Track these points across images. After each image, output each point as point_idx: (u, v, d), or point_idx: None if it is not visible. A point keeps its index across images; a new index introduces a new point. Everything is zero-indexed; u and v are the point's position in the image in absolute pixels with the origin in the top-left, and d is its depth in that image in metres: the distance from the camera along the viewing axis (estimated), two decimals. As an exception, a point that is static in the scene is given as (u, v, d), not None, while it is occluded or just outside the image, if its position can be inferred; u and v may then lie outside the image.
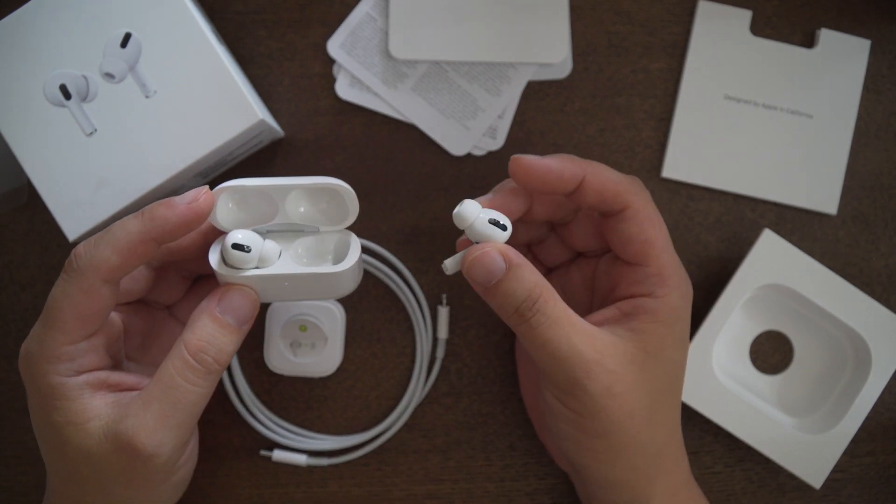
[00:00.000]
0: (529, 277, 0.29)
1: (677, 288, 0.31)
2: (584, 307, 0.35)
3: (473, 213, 0.29)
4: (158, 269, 0.33)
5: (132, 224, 0.29)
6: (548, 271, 0.37)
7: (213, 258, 0.30)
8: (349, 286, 0.32)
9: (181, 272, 0.35)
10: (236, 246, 0.29)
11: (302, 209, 0.31)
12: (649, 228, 0.31)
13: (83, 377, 0.29)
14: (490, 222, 0.29)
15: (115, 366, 0.32)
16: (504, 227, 0.29)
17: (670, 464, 0.32)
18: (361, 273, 0.32)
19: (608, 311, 0.32)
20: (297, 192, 0.31)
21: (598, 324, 0.31)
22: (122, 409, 0.29)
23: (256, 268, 0.30)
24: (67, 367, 0.29)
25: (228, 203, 0.31)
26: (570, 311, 0.30)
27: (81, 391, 0.29)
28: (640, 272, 0.31)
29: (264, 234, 0.31)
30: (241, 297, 0.30)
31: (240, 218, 0.31)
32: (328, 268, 0.30)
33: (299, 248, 0.31)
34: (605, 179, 0.31)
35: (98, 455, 0.29)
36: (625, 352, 0.30)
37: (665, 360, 0.31)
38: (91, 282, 0.28)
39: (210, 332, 0.29)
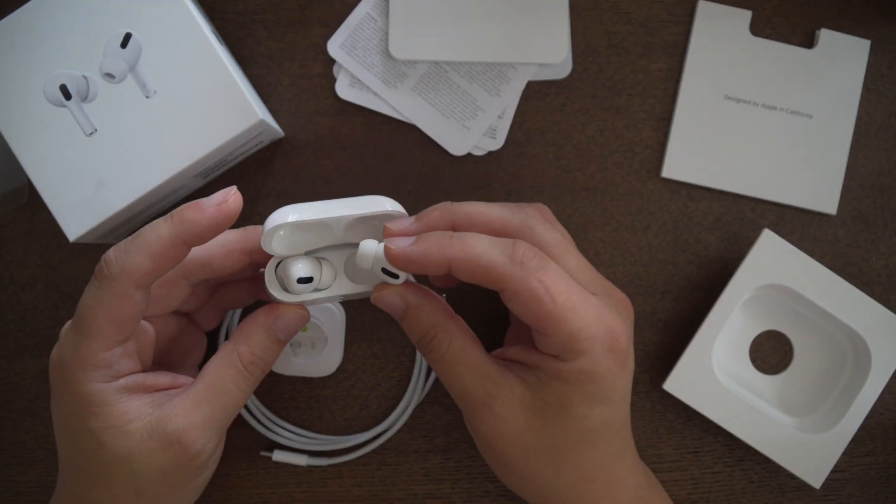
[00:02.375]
0: (426, 318, 0.31)
1: (586, 352, 0.29)
2: (518, 330, 0.35)
3: (368, 259, 0.30)
4: (196, 284, 0.34)
5: (162, 228, 0.29)
6: None
7: (273, 288, 0.31)
8: None
9: (209, 284, 0.35)
10: (302, 280, 0.30)
11: (356, 231, 0.31)
12: (535, 307, 0.28)
13: (121, 382, 0.30)
14: (383, 271, 0.30)
15: (146, 369, 0.32)
16: (396, 276, 0.30)
17: (591, 499, 0.32)
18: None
19: (522, 353, 0.31)
20: (355, 219, 0.31)
21: (512, 358, 0.32)
22: (169, 409, 0.30)
23: (316, 290, 0.31)
24: (104, 374, 0.30)
25: (281, 232, 0.30)
26: (471, 352, 0.31)
27: (120, 395, 0.30)
28: (543, 338, 0.30)
29: (318, 253, 0.32)
30: (297, 318, 0.31)
31: (295, 243, 0.31)
32: (389, 279, 0.31)
33: (350, 263, 0.31)
34: (473, 266, 0.28)
35: (139, 455, 0.29)
36: (521, 397, 0.30)
37: (570, 414, 0.30)
38: (124, 288, 0.29)
39: (264, 347, 0.31)
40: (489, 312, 0.40)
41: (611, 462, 0.32)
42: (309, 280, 0.30)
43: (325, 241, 0.31)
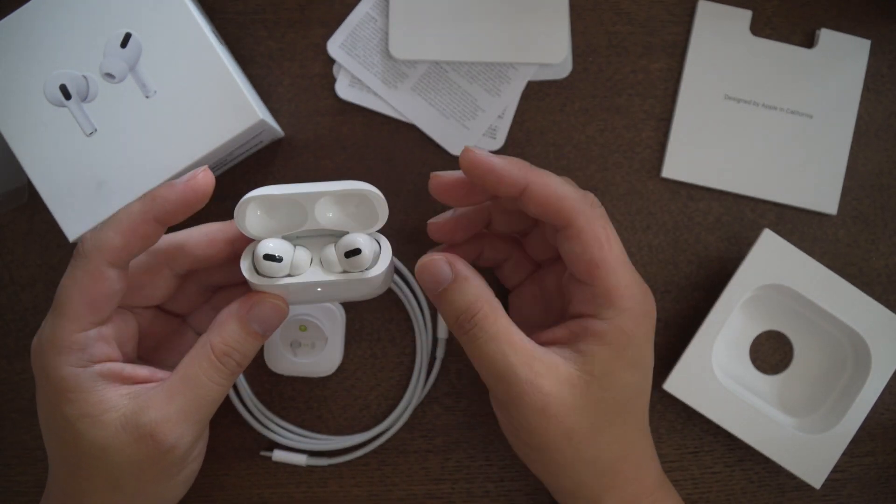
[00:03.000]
0: (473, 290, 0.30)
1: (627, 310, 0.30)
2: (540, 321, 0.35)
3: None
4: (182, 276, 0.34)
5: (134, 205, 0.29)
6: (510, 291, 0.37)
7: (245, 267, 0.30)
8: (380, 288, 0.32)
9: (202, 283, 0.35)
10: (268, 256, 0.29)
11: (331, 214, 0.31)
12: (595, 248, 0.29)
13: (96, 367, 0.30)
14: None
15: (129, 361, 0.32)
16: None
17: (623, 479, 0.32)
18: (392, 274, 0.32)
19: (559, 331, 0.32)
20: (326, 198, 0.31)
21: (548, 342, 0.31)
22: (143, 401, 0.29)
23: (288, 275, 0.30)
24: (79, 357, 0.29)
25: (257, 211, 0.30)
26: (514, 330, 0.30)
27: (95, 382, 0.29)
28: (588, 291, 0.30)
29: (294, 240, 0.31)
30: (272, 309, 0.30)
31: (269, 225, 0.31)
32: (359, 274, 0.30)
33: (329, 252, 0.31)
34: (549, 193, 0.29)
35: (113, 447, 0.29)
36: (567, 374, 0.30)
37: (613, 383, 0.30)
38: (96, 264, 0.29)
39: (237, 338, 0.30)
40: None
41: (639, 439, 0.33)
42: (275, 259, 0.29)
43: (301, 225, 0.31)
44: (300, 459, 0.39)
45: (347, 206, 0.31)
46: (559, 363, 0.30)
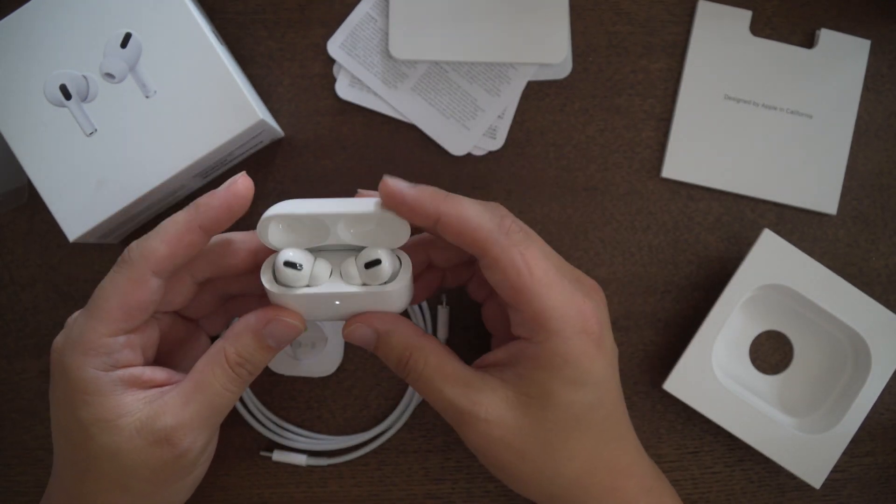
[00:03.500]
0: (398, 342, 0.31)
1: (557, 332, 0.29)
2: (506, 334, 0.35)
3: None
4: (201, 284, 0.34)
5: (179, 215, 0.30)
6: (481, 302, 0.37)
7: (265, 276, 0.30)
8: (401, 304, 0.32)
9: (218, 291, 0.35)
10: (288, 263, 0.29)
11: (353, 231, 0.31)
12: (513, 276, 0.29)
13: (118, 373, 0.30)
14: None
15: (147, 365, 0.32)
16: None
17: (599, 490, 0.32)
18: (412, 290, 0.32)
19: (500, 353, 0.32)
20: (348, 217, 0.31)
21: (491, 363, 0.32)
22: (159, 406, 0.30)
23: (307, 286, 0.30)
24: (104, 361, 0.30)
25: (279, 226, 0.30)
26: (447, 363, 0.31)
27: (115, 387, 0.30)
28: (518, 315, 0.30)
29: (316, 252, 0.31)
30: (287, 328, 0.31)
31: (291, 239, 0.31)
32: (378, 287, 0.30)
33: (349, 264, 0.31)
34: (461, 224, 0.29)
35: (127, 451, 0.29)
36: (504, 398, 0.30)
37: (556, 402, 0.30)
38: (140, 272, 0.29)
39: (251, 351, 0.31)
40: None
41: (609, 450, 0.32)
42: (295, 267, 0.29)
43: (323, 239, 0.31)
44: (300, 459, 0.39)
45: (368, 224, 0.31)
46: (497, 387, 0.31)
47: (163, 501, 0.33)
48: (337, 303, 0.31)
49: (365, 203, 0.30)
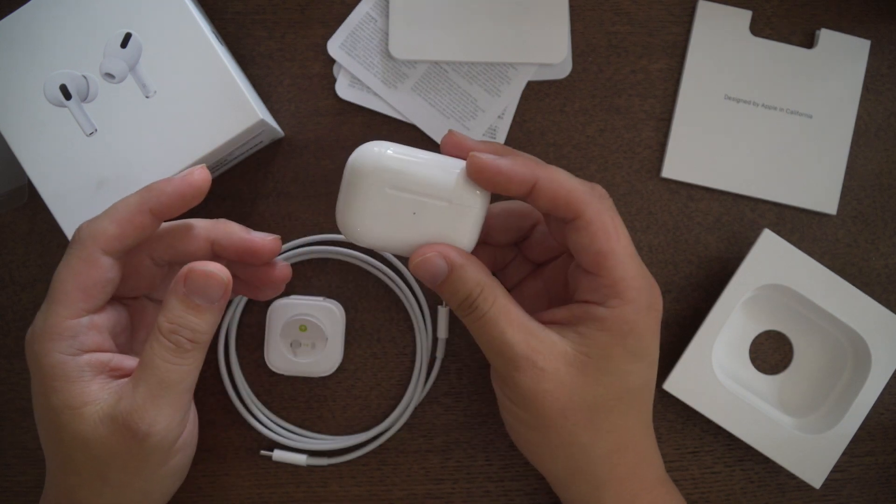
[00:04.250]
0: (471, 276, 0.30)
1: (631, 301, 0.30)
2: (542, 310, 0.35)
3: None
4: (166, 266, 0.34)
5: (131, 197, 0.31)
6: (511, 287, 0.38)
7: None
8: (472, 237, 0.31)
9: (155, 261, 0.34)
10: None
11: None
12: (602, 239, 0.30)
13: (84, 357, 0.30)
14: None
15: (120, 353, 0.32)
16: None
17: (622, 472, 0.32)
18: (481, 230, 0.32)
19: (560, 312, 0.32)
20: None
21: (549, 322, 0.32)
22: (116, 392, 0.30)
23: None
24: (69, 345, 0.29)
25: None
26: (513, 308, 0.31)
27: (81, 372, 0.30)
28: (594, 281, 0.31)
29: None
30: (205, 277, 0.30)
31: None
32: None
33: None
34: (558, 186, 0.30)
35: (94, 440, 0.29)
36: (563, 352, 0.30)
37: (612, 369, 0.30)
38: (90, 251, 0.30)
39: (179, 314, 0.30)
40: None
41: (641, 433, 0.33)
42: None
43: None
44: (300, 459, 0.39)
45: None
46: (556, 340, 0.31)
47: (143, 492, 0.32)
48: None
49: (449, 169, 0.30)
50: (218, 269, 0.30)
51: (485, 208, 0.31)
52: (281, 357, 0.39)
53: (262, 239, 0.33)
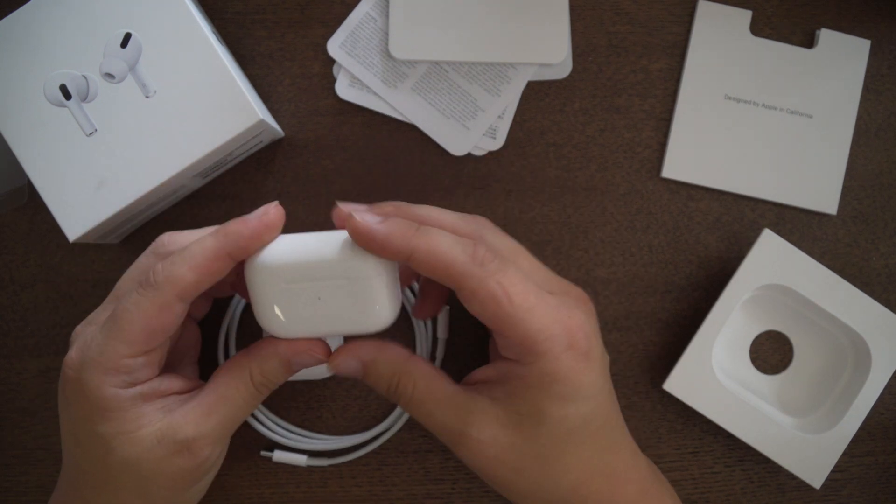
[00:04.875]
0: (383, 371, 0.31)
1: (545, 353, 0.29)
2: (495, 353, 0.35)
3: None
4: None
5: (208, 241, 0.30)
6: None
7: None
8: (387, 309, 0.30)
9: None
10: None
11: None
12: (493, 307, 0.29)
13: (137, 389, 0.30)
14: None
15: (161, 373, 0.33)
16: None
17: (596, 500, 0.32)
18: (398, 297, 0.31)
19: (488, 370, 0.32)
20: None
21: (480, 380, 0.32)
22: (179, 416, 0.30)
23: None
24: (124, 380, 0.30)
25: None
26: (437, 386, 0.31)
27: (135, 402, 0.30)
28: (503, 341, 0.30)
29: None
30: (313, 360, 0.31)
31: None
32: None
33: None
34: (435, 259, 0.28)
35: (147, 460, 0.30)
36: (496, 417, 0.30)
37: (547, 419, 0.30)
38: (167, 298, 0.29)
39: (276, 374, 0.31)
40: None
41: (604, 459, 0.32)
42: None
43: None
44: (300, 460, 0.39)
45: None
46: (487, 406, 0.31)
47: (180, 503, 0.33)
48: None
49: (334, 245, 0.30)
50: (324, 355, 0.31)
51: (388, 271, 0.30)
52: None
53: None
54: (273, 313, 0.30)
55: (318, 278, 0.30)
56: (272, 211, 0.30)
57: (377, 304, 0.30)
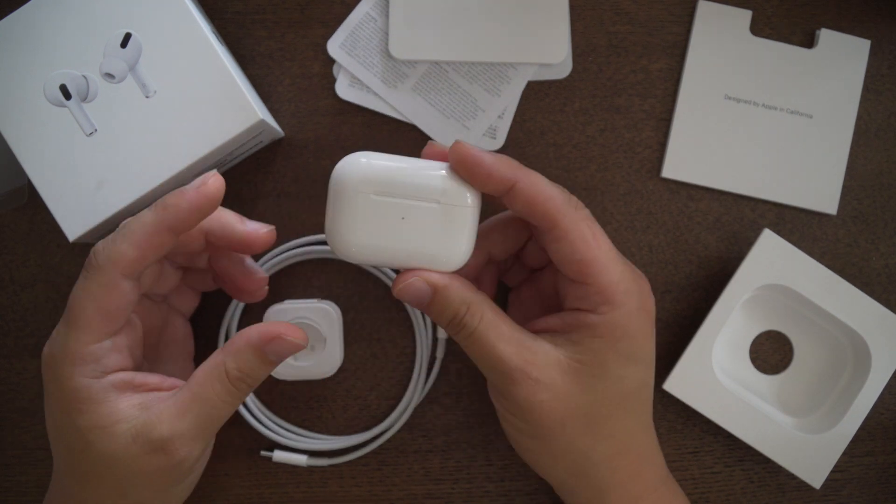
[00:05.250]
0: (454, 296, 0.30)
1: (621, 305, 0.30)
2: (535, 318, 0.35)
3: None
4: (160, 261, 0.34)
5: (146, 216, 0.29)
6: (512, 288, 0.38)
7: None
8: (466, 249, 0.30)
9: (173, 263, 0.35)
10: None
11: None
12: (582, 248, 0.30)
13: (109, 378, 0.30)
14: None
15: (137, 367, 0.32)
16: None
17: (624, 475, 0.32)
18: (474, 242, 0.31)
19: (552, 320, 0.32)
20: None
21: (541, 330, 0.32)
22: (154, 414, 0.30)
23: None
24: (93, 369, 0.30)
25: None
26: (502, 321, 0.31)
27: (108, 394, 0.30)
28: (581, 289, 0.31)
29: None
30: (290, 346, 0.31)
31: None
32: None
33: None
34: (536, 192, 0.30)
35: (124, 458, 0.29)
36: (557, 362, 0.30)
37: (607, 374, 0.30)
38: (111, 276, 0.29)
39: (252, 367, 0.31)
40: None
41: (641, 434, 0.33)
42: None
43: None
44: (301, 460, 0.39)
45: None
46: (549, 350, 0.30)
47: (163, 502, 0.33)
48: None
49: (433, 170, 0.30)
50: (302, 340, 0.31)
51: (476, 208, 0.30)
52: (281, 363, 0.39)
53: (256, 232, 0.33)
54: (351, 223, 0.29)
55: (410, 196, 0.29)
56: (210, 181, 0.30)
57: (462, 236, 0.29)
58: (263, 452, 0.40)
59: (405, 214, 0.29)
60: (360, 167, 0.29)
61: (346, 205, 0.29)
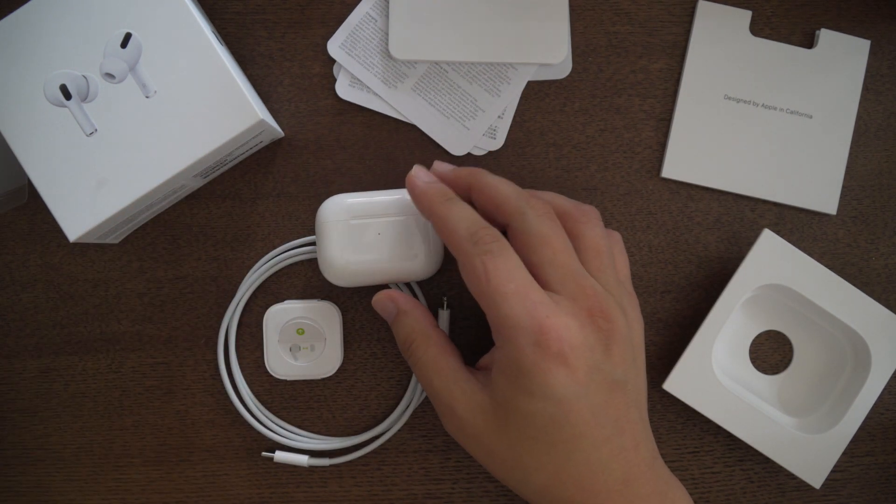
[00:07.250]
0: (409, 324, 0.34)
1: (510, 340, 0.30)
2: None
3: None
4: None
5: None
6: None
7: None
8: (431, 261, 0.37)
9: None
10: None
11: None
12: (473, 281, 0.31)
13: None
14: None
15: None
16: None
17: (566, 499, 0.31)
18: (441, 254, 0.37)
19: (487, 356, 0.35)
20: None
21: (481, 367, 0.34)
22: None
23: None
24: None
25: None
26: (442, 360, 0.33)
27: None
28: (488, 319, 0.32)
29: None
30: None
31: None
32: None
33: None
34: (444, 227, 0.32)
35: None
36: (478, 400, 0.32)
37: (515, 411, 0.30)
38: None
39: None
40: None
41: (580, 471, 0.30)
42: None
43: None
44: (302, 460, 0.39)
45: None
46: (475, 390, 0.32)
47: None
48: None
49: (396, 193, 0.36)
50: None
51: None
52: (281, 362, 0.39)
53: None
54: (336, 247, 0.35)
55: (381, 214, 0.36)
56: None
57: (432, 242, 0.36)
58: (265, 453, 0.40)
59: (381, 230, 0.36)
60: (337, 202, 0.36)
61: (328, 233, 0.36)
